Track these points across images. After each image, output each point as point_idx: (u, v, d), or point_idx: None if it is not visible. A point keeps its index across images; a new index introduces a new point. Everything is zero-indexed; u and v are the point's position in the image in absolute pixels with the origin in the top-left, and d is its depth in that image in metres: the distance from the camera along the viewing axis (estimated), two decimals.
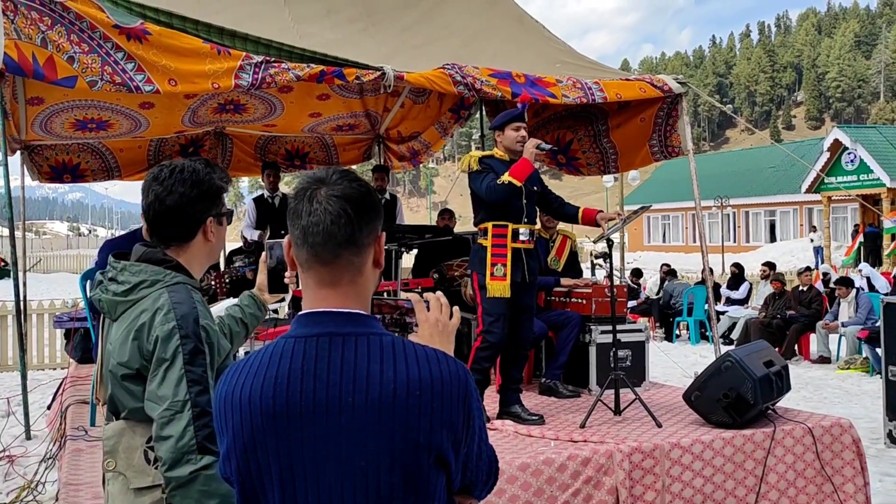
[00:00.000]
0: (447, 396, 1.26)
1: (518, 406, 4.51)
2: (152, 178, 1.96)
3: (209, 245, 2.01)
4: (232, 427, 1.27)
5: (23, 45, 3.88)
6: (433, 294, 1.57)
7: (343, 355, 1.25)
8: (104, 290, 1.93)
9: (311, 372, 1.24)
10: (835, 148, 26.57)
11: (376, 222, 1.36)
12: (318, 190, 1.31)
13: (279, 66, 4.56)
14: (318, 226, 1.29)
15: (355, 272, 1.33)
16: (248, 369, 1.29)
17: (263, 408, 1.24)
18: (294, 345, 1.28)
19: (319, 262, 1.31)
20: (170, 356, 1.79)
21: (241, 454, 1.26)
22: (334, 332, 1.28)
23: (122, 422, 1.91)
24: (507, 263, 4.40)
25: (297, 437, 1.23)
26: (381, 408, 1.22)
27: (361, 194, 1.33)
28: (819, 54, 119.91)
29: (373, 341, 1.28)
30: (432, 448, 1.24)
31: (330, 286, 1.32)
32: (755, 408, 4.04)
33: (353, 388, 1.23)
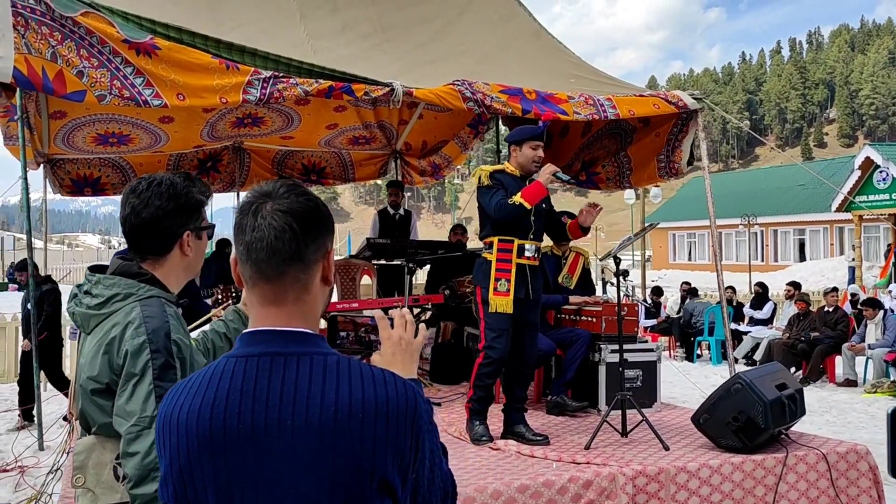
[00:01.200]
0: (393, 419, 1.20)
1: (522, 426, 4.43)
2: (130, 190, 1.94)
3: (186, 259, 1.98)
4: (169, 450, 1.23)
5: (33, 60, 3.92)
6: (397, 311, 1.52)
7: (284, 376, 1.20)
8: (78, 304, 1.91)
9: (251, 393, 1.19)
10: (866, 166, 26.09)
11: (324, 237, 1.31)
12: (264, 204, 1.27)
13: (287, 82, 4.57)
14: (261, 241, 1.24)
15: (301, 289, 1.28)
16: (187, 390, 1.25)
17: (200, 430, 1.19)
18: (235, 364, 1.23)
19: (263, 278, 1.26)
20: (139, 371, 1.75)
21: (177, 478, 1.21)
22: (277, 351, 1.23)
23: (93, 437, 1.88)
24: (511, 279, 4.36)
25: (235, 461, 1.18)
26: (321, 431, 1.17)
27: (308, 208, 1.28)
28: (852, 71, 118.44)
29: (316, 361, 1.22)
30: (375, 473, 1.18)
31: (274, 304, 1.27)
32: (766, 432, 3.92)
33: (293, 411, 1.18)
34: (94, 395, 1.83)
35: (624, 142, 6.65)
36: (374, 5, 6.69)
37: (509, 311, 4.33)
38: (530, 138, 4.48)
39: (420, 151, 9.42)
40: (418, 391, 1.28)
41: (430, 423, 1.29)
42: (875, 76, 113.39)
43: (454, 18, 6.86)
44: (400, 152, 9.58)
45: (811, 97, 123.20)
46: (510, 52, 6.61)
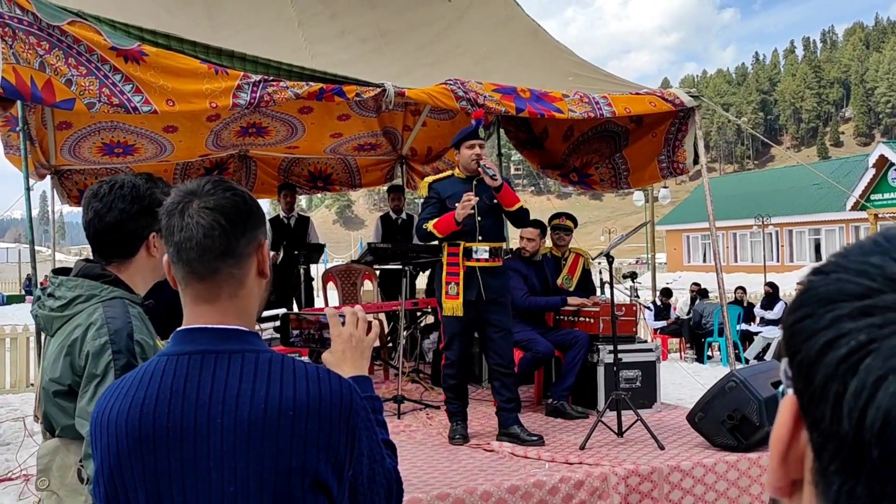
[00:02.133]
0: (325, 416, 1.18)
1: (517, 426, 4.41)
2: (91, 194, 1.94)
3: (153, 260, 1.98)
4: (100, 450, 1.22)
5: (21, 70, 3.95)
6: (349, 308, 1.51)
7: (214, 374, 1.19)
8: (41, 306, 1.91)
9: (180, 392, 1.18)
10: (881, 164, 25.85)
11: (255, 230, 1.29)
12: (190, 203, 1.25)
13: (277, 85, 4.58)
14: (190, 241, 1.23)
15: (236, 285, 1.26)
16: (120, 390, 1.24)
17: (129, 430, 1.18)
18: (166, 364, 1.22)
19: (196, 277, 1.25)
20: (101, 372, 1.75)
21: (107, 479, 1.20)
22: (208, 349, 1.22)
23: (56, 440, 1.88)
24: (460, 282, 4.38)
25: (164, 460, 1.17)
26: (250, 429, 1.15)
27: (235, 203, 1.26)
28: (867, 69, 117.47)
29: (248, 359, 1.21)
30: (307, 472, 1.16)
31: (207, 302, 1.25)
32: (761, 430, 3.87)
33: (222, 409, 1.16)
34: (56, 397, 1.83)
35: (619, 144, 6.61)
36: (372, 11, 6.71)
37: (459, 313, 4.38)
38: (465, 138, 4.58)
39: (425, 157, 9.42)
40: (355, 388, 1.26)
41: (368, 419, 1.27)
42: (891, 73, 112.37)
43: (453, 22, 6.87)
44: (405, 158, 9.58)
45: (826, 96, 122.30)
46: (509, 53, 6.61)
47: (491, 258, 4.45)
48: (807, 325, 0.48)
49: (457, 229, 4.38)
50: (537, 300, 5.38)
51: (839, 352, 0.45)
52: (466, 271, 4.40)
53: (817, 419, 0.47)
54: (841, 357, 0.45)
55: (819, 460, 0.47)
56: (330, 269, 8.22)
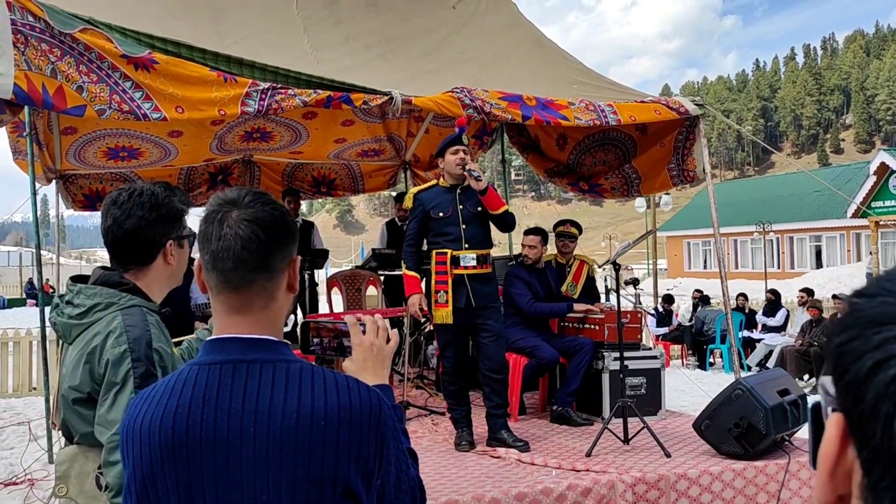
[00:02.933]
0: (356, 426, 1.20)
1: (504, 431, 4.46)
2: (111, 201, 1.95)
3: (169, 268, 2.00)
4: (132, 458, 1.23)
5: (33, 76, 3.98)
6: (369, 317, 1.52)
7: (247, 383, 1.21)
8: (59, 313, 1.93)
9: (213, 400, 1.20)
10: (881, 171, 25.87)
11: (290, 246, 1.31)
12: (230, 213, 1.27)
13: (286, 93, 4.60)
14: (228, 251, 1.24)
15: (267, 298, 1.28)
16: (151, 398, 1.25)
17: (162, 438, 1.20)
18: (198, 372, 1.24)
19: (230, 287, 1.26)
20: (120, 380, 1.76)
21: (140, 486, 1.22)
22: (240, 359, 1.23)
23: (75, 447, 1.89)
24: (449, 290, 4.43)
25: (197, 469, 1.18)
26: (283, 438, 1.17)
27: (274, 217, 1.28)
28: (868, 76, 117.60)
29: (279, 368, 1.22)
30: (338, 481, 1.18)
31: (239, 312, 1.27)
32: (768, 438, 3.88)
33: (255, 418, 1.18)
34: (75, 405, 1.84)
35: (627, 154, 6.63)
36: (377, 17, 6.74)
37: (450, 321, 4.44)
38: (449, 145, 4.64)
39: (427, 164, 9.44)
40: (383, 398, 1.28)
41: (395, 429, 1.28)
42: (891, 81, 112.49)
43: (457, 28, 6.90)
44: (408, 164, 9.61)
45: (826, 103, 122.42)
46: (513, 60, 6.63)
47: (479, 265, 4.52)
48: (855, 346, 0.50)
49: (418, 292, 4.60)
50: (543, 306, 5.40)
51: (889, 373, 0.47)
52: (455, 279, 4.46)
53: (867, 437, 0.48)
54: (891, 378, 0.47)
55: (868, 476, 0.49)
56: (335, 274, 8.24)
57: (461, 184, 4.57)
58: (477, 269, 4.50)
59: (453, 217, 4.51)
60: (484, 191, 4.45)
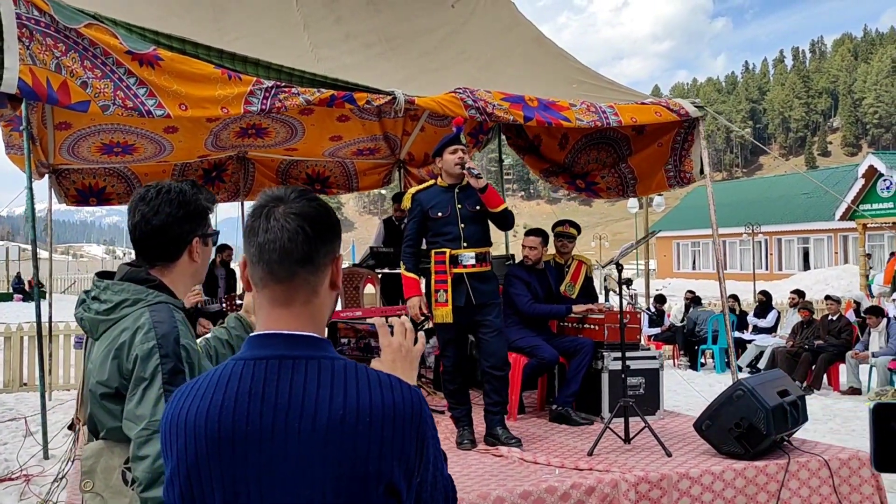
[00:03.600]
0: (399, 424, 1.21)
1: (500, 427, 4.49)
2: (139, 197, 1.96)
3: (194, 265, 2.01)
4: (176, 451, 1.24)
5: (37, 71, 3.97)
6: (398, 319, 1.54)
7: (292, 379, 1.22)
8: (86, 309, 1.94)
9: (259, 396, 1.21)
10: (870, 174, 26.09)
11: (334, 243, 1.34)
12: (276, 208, 1.29)
13: (289, 91, 4.60)
14: (274, 243, 1.27)
15: (310, 292, 1.30)
16: (195, 392, 1.26)
17: (208, 432, 1.21)
18: (243, 367, 1.25)
19: (274, 279, 1.28)
20: (149, 375, 1.77)
21: (184, 479, 1.23)
22: (285, 355, 1.25)
23: (101, 442, 1.90)
24: (448, 289, 4.45)
25: (242, 463, 1.20)
26: (328, 435, 1.18)
27: (320, 213, 1.31)
28: (855, 80, 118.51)
29: (324, 365, 1.24)
30: (382, 477, 1.19)
31: (283, 306, 1.29)
32: (768, 438, 3.92)
33: (301, 414, 1.19)
34: (103, 400, 1.85)
35: (621, 153, 6.66)
36: (377, 16, 6.74)
37: (449, 320, 4.46)
38: (447, 145, 4.63)
39: (422, 162, 9.45)
40: (423, 397, 1.30)
41: (434, 428, 1.30)
42: (878, 85, 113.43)
43: (457, 28, 6.91)
44: (403, 162, 9.62)
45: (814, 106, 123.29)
46: (513, 59, 6.65)
47: (478, 263, 4.53)
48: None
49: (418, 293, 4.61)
50: (542, 307, 5.42)
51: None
52: (454, 278, 4.47)
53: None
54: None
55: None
56: None
57: (459, 183, 4.59)
58: (476, 267, 4.51)
59: (452, 216, 4.52)
60: (483, 189, 4.47)
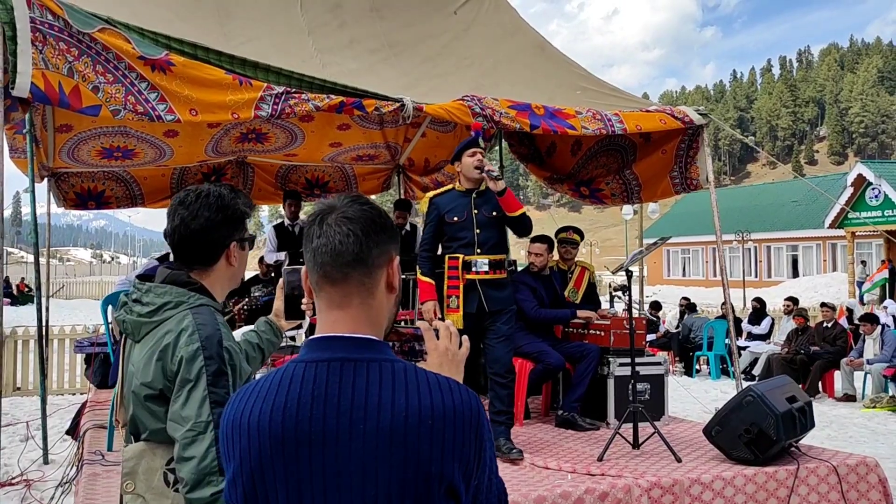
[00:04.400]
0: (459, 426, 1.23)
1: (503, 438, 4.37)
2: (178, 202, 1.98)
3: (231, 269, 2.03)
4: (239, 452, 1.25)
5: (50, 75, 3.96)
6: (442, 322, 1.56)
7: (354, 381, 1.24)
8: (129, 311, 1.95)
9: (322, 397, 1.23)
10: (858, 183, 26.35)
11: (388, 245, 1.36)
12: (329, 214, 1.33)
13: (299, 98, 4.61)
14: (326, 246, 1.30)
15: (366, 294, 1.32)
16: (256, 393, 1.28)
17: (272, 433, 1.22)
18: (305, 369, 1.26)
19: (329, 281, 1.31)
20: (194, 377, 1.79)
21: (247, 480, 1.24)
22: (346, 357, 1.26)
23: (143, 443, 1.90)
24: (461, 295, 4.40)
25: (306, 464, 1.21)
26: (392, 436, 1.20)
27: (370, 216, 1.34)
28: (842, 89, 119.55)
29: (385, 368, 1.26)
30: (444, 478, 1.21)
31: (340, 308, 1.31)
32: (778, 444, 3.95)
33: (364, 416, 1.21)
34: (147, 401, 1.86)
35: (626, 159, 6.70)
36: (381, 21, 6.76)
37: (460, 326, 4.34)
38: (466, 148, 4.61)
39: (423, 169, 9.46)
40: (481, 401, 1.32)
41: (490, 431, 1.32)
42: (864, 94, 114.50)
43: (460, 34, 6.93)
44: (403, 167, 9.63)
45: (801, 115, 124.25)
46: (516, 65, 6.68)
47: (492, 270, 4.45)
48: None
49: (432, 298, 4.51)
50: (547, 312, 5.45)
51: None
52: (466, 284, 4.41)
53: None
54: None
55: None
56: None
57: (477, 188, 4.56)
58: (490, 274, 4.45)
59: (467, 221, 4.48)
60: (502, 192, 4.41)
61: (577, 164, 7.05)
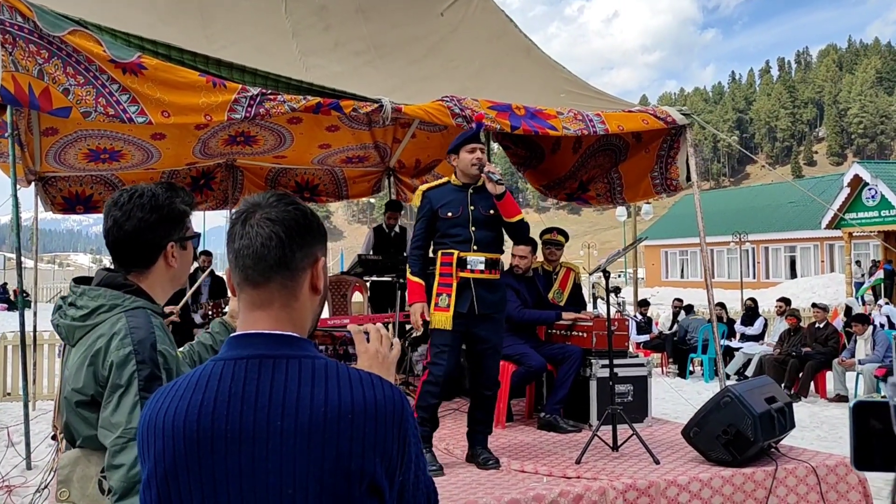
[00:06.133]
0: (381, 421, 1.21)
1: (479, 447, 4.24)
2: (112, 202, 1.92)
3: (172, 270, 1.97)
4: (154, 453, 1.23)
5: (19, 77, 3.94)
6: (373, 325, 1.54)
7: (273, 378, 1.21)
8: (63, 315, 1.90)
9: (239, 395, 1.20)
10: (855, 183, 26.30)
11: (313, 246, 1.33)
12: (253, 213, 1.30)
13: (275, 99, 4.58)
14: (248, 248, 1.28)
15: (288, 296, 1.30)
16: (173, 393, 1.25)
17: (187, 433, 1.19)
18: (223, 367, 1.24)
19: (250, 284, 1.29)
20: (125, 382, 1.73)
21: (161, 481, 1.21)
22: (265, 354, 1.24)
23: (77, 450, 1.86)
24: (453, 293, 4.14)
25: (222, 463, 1.18)
26: (310, 433, 1.17)
27: (295, 217, 1.30)
28: (840, 90, 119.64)
29: (304, 364, 1.23)
30: (364, 475, 1.19)
31: (260, 308, 1.29)
32: (756, 445, 3.92)
33: (282, 413, 1.18)
34: (79, 408, 1.81)
35: (617, 159, 6.68)
36: (366, 24, 6.73)
37: (448, 327, 4.12)
38: (465, 142, 4.30)
39: (413, 170, 9.44)
40: (405, 396, 1.29)
41: (415, 427, 1.30)
42: (863, 95, 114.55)
43: (446, 36, 6.91)
44: (393, 170, 9.60)
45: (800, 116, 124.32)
46: (502, 68, 6.66)
47: (487, 270, 4.21)
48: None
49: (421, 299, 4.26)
50: (532, 313, 5.41)
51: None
52: (460, 282, 4.17)
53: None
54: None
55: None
56: None
57: (474, 183, 4.30)
58: (485, 273, 4.21)
59: (462, 218, 4.22)
60: (501, 196, 4.16)
61: (577, 163, 7.00)
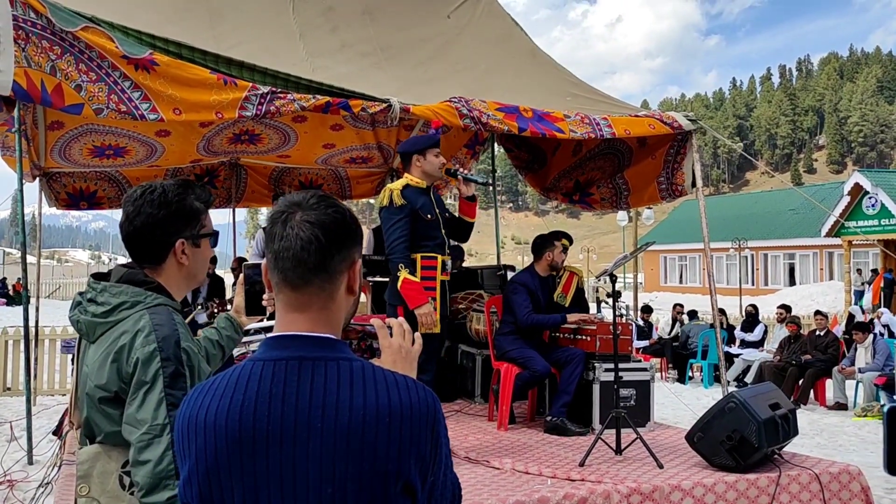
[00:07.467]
0: (416, 423, 1.24)
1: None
2: (126, 197, 1.92)
3: (184, 268, 1.95)
4: (195, 450, 1.24)
5: (32, 73, 3.95)
6: (395, 320, 1.55)
7: (312, 380, 1.24)
8: (83, 311, 1.90)
9: (279, 396, 1.22)
10: (855, 192, 26.33)
11: (350, 249, 1.34)
12: (293, 214, 1.30)
13: (285, 98, 4.60)
14: (288, 251, 1.28)
15: (326, 298, 1.31)
16: (213, 391, 1.27)
17: (228, 431, 1.21)
18: (262, 368, 1.26)
19: (289, 286, 1.30)
20: (150, 379, 1.74)
21: (202, 478, 1.23)
22: (304, 356, 1.26)
23: (98, 446, 1.86)
24: (437, 297, 4.25)
25: (262, 462, 1.21)
26: (349, 434, 1.20)
27: (336, 220, 1.31)
28: (841, 98, 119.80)
29: (342, 366, 1.26)
30: (400, 475, 1.21)
31: (298, 310, 1.30)
32: (760, 451, 3.93)
33: (322, 414, 1.21)
34: (101, 404, 1.81)
35: (621, 164, 6.70)
36: (372, 25, 6.75)
37: (437, 330, 4.18)
38: (433, 146, 4.45)
39: None
40: (437, 398, 1.32)
41: (446, 428, 1.33)
42: (863, 104, 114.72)
43: (452, 38, 6.93)
44: (397, 170, 9.61)
45: (801, 123, 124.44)
46: (508, 71, 6.68)
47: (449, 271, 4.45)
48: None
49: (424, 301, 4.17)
50: (539, 318, 5.41)
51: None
52: (440, 285, 4.33)
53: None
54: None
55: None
56: None
57: (431, 185, 4.49)
58: (448, 275, 4.43)
59: (436, 220, 4.35)
60: (472, 196, 4.34)
61: (574, 163, 7.02)
